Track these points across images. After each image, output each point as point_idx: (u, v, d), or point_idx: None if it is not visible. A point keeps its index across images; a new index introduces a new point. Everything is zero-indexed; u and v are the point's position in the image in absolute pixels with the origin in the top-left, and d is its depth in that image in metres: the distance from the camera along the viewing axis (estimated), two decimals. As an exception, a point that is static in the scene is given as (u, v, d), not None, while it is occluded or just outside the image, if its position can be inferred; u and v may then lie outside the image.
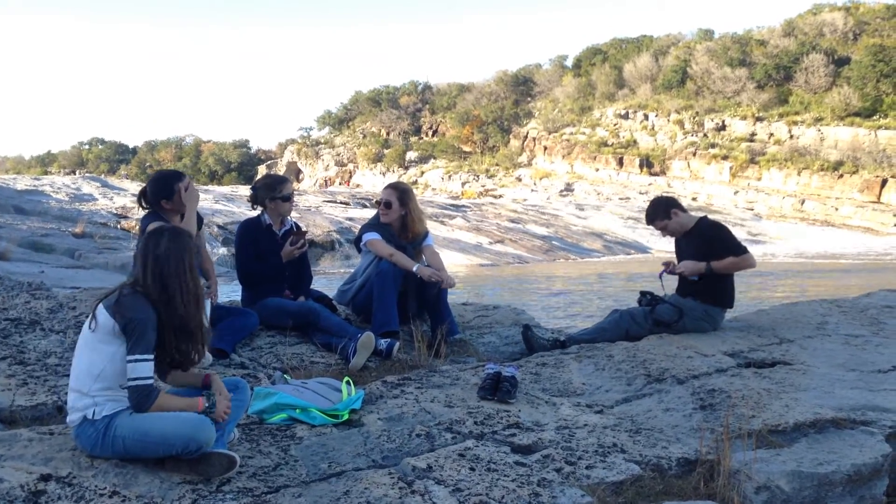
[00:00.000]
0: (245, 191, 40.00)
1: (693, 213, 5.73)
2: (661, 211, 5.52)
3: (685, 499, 3.02)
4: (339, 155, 68.34)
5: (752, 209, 39.55)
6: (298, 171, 67.93)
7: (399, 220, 5.50)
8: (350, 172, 65.66)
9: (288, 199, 5.25)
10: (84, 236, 19.92)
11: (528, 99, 62.95)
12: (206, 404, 3.03)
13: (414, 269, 5.19)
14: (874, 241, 32.66)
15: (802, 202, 39.05)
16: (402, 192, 5.53)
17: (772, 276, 19.26)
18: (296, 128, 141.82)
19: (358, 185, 60.23)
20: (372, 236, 5.39)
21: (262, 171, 71.27)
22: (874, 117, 41.35)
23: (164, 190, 4.54)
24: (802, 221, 37.13)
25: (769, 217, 37.94)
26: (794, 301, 6.90)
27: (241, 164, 74.39)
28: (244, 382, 3.38)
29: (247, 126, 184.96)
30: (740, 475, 3.06)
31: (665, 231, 5.58)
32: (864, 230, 35.15)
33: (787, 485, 3.04)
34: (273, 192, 5.22)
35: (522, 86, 64.29)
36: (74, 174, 59.07)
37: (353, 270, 5.74)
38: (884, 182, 37.10)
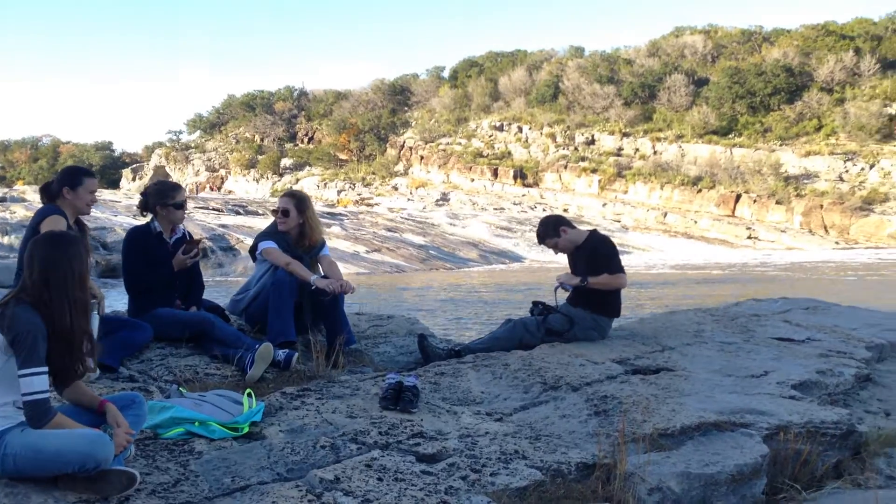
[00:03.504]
0: (109, 195, 38.31)
1: (583, 228, 5.97)
2: (551, 229, 5.72)
3: (585, 502, 3.14)
4: (210, 160, 66.46)
5: (619, 221, 41.31)
6: (167, 177, 65.55)
7: (297, 228, 5.42)
8: (222, 178, 63.99)
9: (181, 206, 5.08)
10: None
11: (405, 108, 63.29)
12: None
13: (311, 279, 5.12)
14: (729, 252, 34.75)
15: (665, 215, 41.13)
16: (299, 201, 5.45)
17: (644, 286, 20.12)
18: (164, 131, 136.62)
19: (230, 192, 58.78)
20: (268, 245, 5.28)
21: (126, 174, 68.47)
22: (730, 136, 44.15)
23: (71, 179, 4.62)
24: (665, 233, 39.08)
25: (635, 229, 39.72)
26: (672, 310, 7.26)
27: (104, 167, 70.91)
28: (141, 397, 3.28)
29: (110, 128, 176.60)
30: (635, 478, 3.19)
31: (556, 248, 5.78)
32: (719, 242, 37.36)
33: (678, 486, 3.20)
34: (165, 198, 5.04)
35: (399, 95, 64.58)
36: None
37: (226, 279, 5.61)
38: (738, 197, 39.68)
